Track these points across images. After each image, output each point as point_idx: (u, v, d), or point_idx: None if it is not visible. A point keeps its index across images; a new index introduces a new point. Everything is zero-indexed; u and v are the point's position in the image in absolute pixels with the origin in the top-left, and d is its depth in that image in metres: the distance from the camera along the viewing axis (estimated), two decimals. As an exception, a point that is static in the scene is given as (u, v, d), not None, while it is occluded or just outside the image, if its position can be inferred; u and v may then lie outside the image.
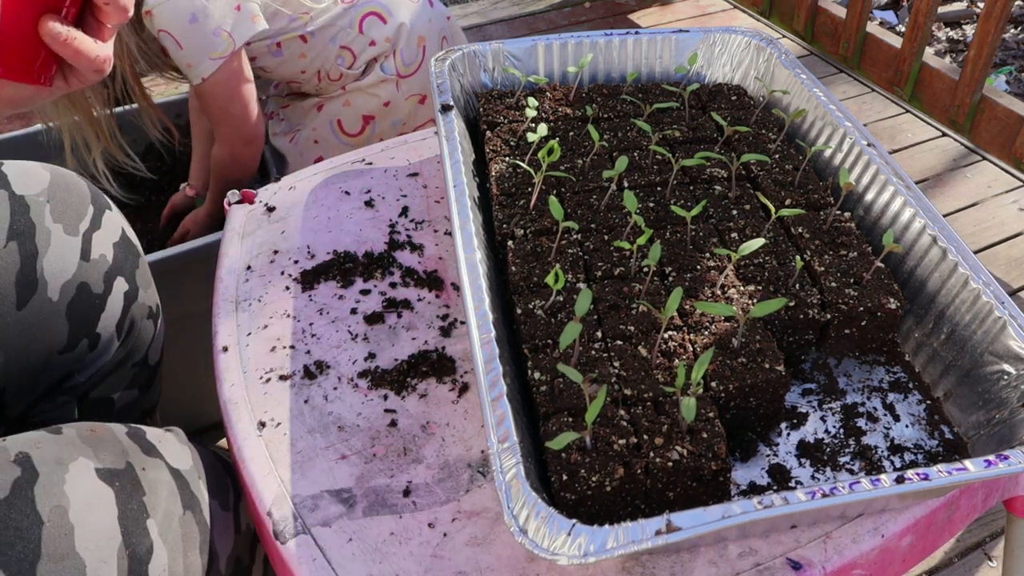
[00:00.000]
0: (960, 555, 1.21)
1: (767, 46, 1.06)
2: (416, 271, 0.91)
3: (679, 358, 0.68)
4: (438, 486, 0.69)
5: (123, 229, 0.83)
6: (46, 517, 0.54)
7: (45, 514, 0.55)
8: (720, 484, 0.62)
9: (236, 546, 0.71)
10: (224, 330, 0.83)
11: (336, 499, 0.68)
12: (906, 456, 0.70)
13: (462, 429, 0.74)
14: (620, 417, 0.63)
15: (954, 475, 0.57)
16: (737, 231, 0.81)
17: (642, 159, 0.92)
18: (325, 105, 1.43)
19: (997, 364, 0.68)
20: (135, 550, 0.58)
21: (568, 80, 1.09)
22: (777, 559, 0.62)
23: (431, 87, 1.00)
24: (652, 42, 1.09)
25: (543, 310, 0.72)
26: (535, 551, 0.53)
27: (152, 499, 0.61)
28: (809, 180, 0.87)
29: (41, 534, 0.54)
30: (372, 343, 0.82)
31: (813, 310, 0.73)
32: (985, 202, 1.84)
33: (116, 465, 0.61)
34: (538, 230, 0.82)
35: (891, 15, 2.72)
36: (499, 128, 0.97)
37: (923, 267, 0.77)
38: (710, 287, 0.75)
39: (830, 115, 0.92)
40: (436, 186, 1.04)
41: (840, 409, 0.73)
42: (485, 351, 0.65)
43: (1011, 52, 2.51)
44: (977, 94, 1.65)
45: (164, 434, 0.69)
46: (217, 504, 0.69)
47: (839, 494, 0.55)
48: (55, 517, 0.55)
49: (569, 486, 0.59)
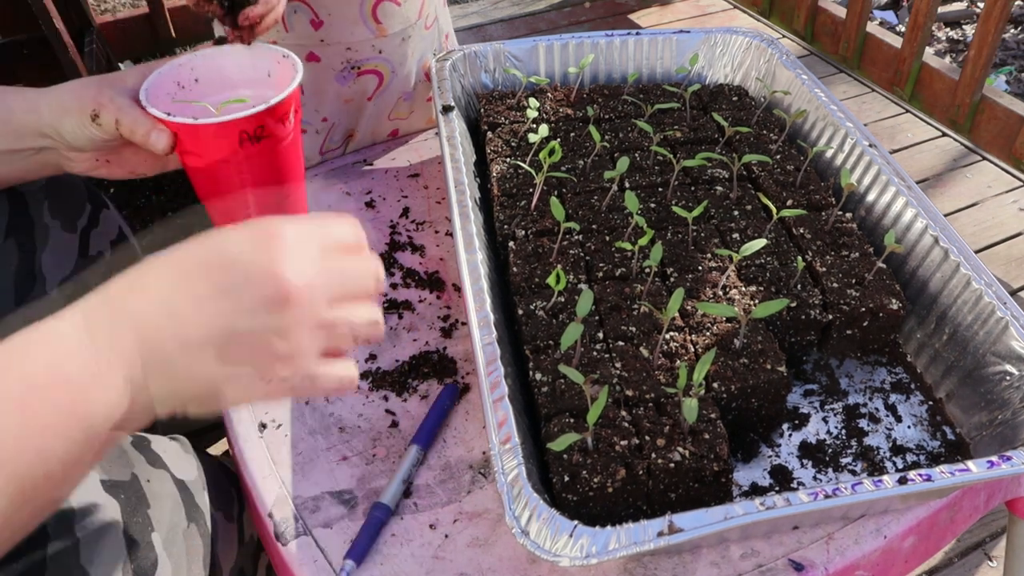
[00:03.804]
0: (960, 555, 1.20)
1: (768, 47, 1.06)
2: (417, 272, 0.91)
3: (681, 359, 0.68)
4: (439, 487, 0.69)
5: (120, 228, 0.83)
6: (51, 530, 0.54)
7: (50, 527, 0.54)
8: (722, 485, 0.62)
9: (239, 557, 0.71)
10: (225, 331, 0.83)
11: (337, 500, 0.67)
12: (908, 457, 0.70)
13: (463, 430, 0.74)
14: (622, 418, 0.63)
15: (957, 476, 0.56)
16: (738, 232, 0.81)
17: (643, 160, 0.91)
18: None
19: (999, 365, 0.68)
20: (140, 564, 0.57)
21: (569, 81, 1.09)
22: (779, 560, 0.62)
23: (432, 87, 0.99)
24: (653, 43, 1.09)
25: (544, 311, 0.72)
26: (537, 552, 0.53)
27: (157, 512, 0.61)
28: (810, 181, 0.87)
29: (46, 547, 0.53)
30: (373, 344, 0.82)
31: (815, 311, 0.73)
32: (985, 202, 1.84)
33: (121, 477, 0.61)
34: (539, 231, 0.82)
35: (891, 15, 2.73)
36: (500, 129, 0.97)
37: (925, 268, 0.77)
38: (712, 288, 0.75)
39: (831, 116, 0.92)
40: (437, 187, 1.04)
41: (842, 410, 0.73)
42: (486, 352, 0.65)
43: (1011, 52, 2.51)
44: (977, 94, 1.65)
45: (169, 443, 0.69)
46: (221, 515, 0.69)
47: (841, 495, 0.55)
48: (60, 530, 0.55)
49: (571, 487, 0.59)
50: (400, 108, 1.12)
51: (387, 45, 1.04)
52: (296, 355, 0.47)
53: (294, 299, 0.46)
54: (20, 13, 1.52)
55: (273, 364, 0.46)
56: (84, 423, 0.42)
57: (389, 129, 1.14)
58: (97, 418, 0.43)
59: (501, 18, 2.60)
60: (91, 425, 0.43)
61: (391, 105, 1.10)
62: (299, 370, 0.47)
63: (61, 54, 1.51)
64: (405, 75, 1.08)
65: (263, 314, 0.45)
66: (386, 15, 1.01)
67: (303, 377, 0.48)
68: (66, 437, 0.42)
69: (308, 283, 0.46)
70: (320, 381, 0.49)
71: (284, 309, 0.46)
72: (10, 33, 1.58)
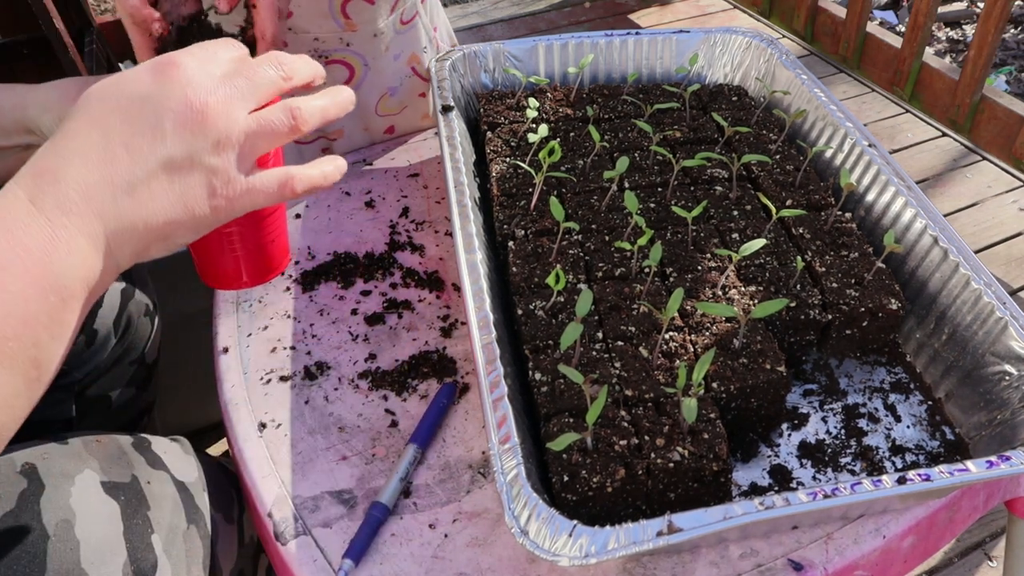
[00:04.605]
0: (960, 555, 1.21)
1: (768, 47, 1.06)
2: (417, 272, 0.91)
3: (680, 359, 0.68)
4: (439, 487, 0.69)
5: None
6: (52, 531, 0.54)
7: (51, 528, 0.54)
8: (721, 485, 0.62)
9: (239, 559, 0.71)
10: (224, 331, 0.83)
11: (337, 500, 0.67)
12: (907, 457, 0.70)
13: (463, 430, 0.74)
14: (621, 418, 0.63)
15: (956, 476, 0.56)
16: (738, 232, 0.81)
17: (643, 160, 0.92)
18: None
19: (998, 365, 0.68)
20: (139, 565, 0.57)
21: (569, 81, 1.09)
22: (778, 560, 0.62)
23: (431, 87, 0.99)
24: (653, 43, 1.09)
25: (544, 311, 0.72)
26: (536, 552, 0.53)
27: (157, 513, 0.61)
28: (810, 181, 0.87)
29: (47, 548, 0.53)
30: (373, 344, 0.82)
31: (814, 311, 0.73)
32: (985, 202, 1.84)
33: (121, 478, 0.61)
34: (539, 231, 0.82)
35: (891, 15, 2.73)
36: (500, 129, 0.97)
37: (924, 268, 0.77)
38: (711, 288, 0.75)
39: (831, 115, 0.92)
40: (437, 187, 1.04)
41: (841, 410, 0.73)
42: (486, 352, 0.65)
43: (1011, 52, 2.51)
44: (977, 94, 1.65)
45: (170, 444, 0.69)
46: (221, 517, 0.69)
47: (841, 495, 0.55)
48: (61, 531, 0.54)
49: (570, 487, 0.59)
50: (388, 103, 1.11)
51: (356, 39, 1.04)
52: (239, 160, 0.50)
53: (211, 113, 0.49)
54: (20, 13, 1.52)
55: (217, 179, 0.49)
56: (56, 286, 0.44)
57: (383, 126, 1.13)
58: (66, 279, 0.45)
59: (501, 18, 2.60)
60: (63, 287, 0.44)
61: (374, 100, 1.09)
62: (241, 184, 0.51)
63: (61, 54, 1.51)
64: (381, 69, 1.07)
65: (189, 135, 0.48)
66: (356, 11, 1.00)
67: (260, 182, 0.52)
68: (43, 301, 0.44)
69: (219, 96, 0.49)
70: (278, 178, 0.52)
71: (206, 125, 0.48)
72: (10, 33, 1.58)
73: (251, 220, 0.61)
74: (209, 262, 0.63)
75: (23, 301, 0.43)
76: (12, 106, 0.63)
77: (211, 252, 0.62)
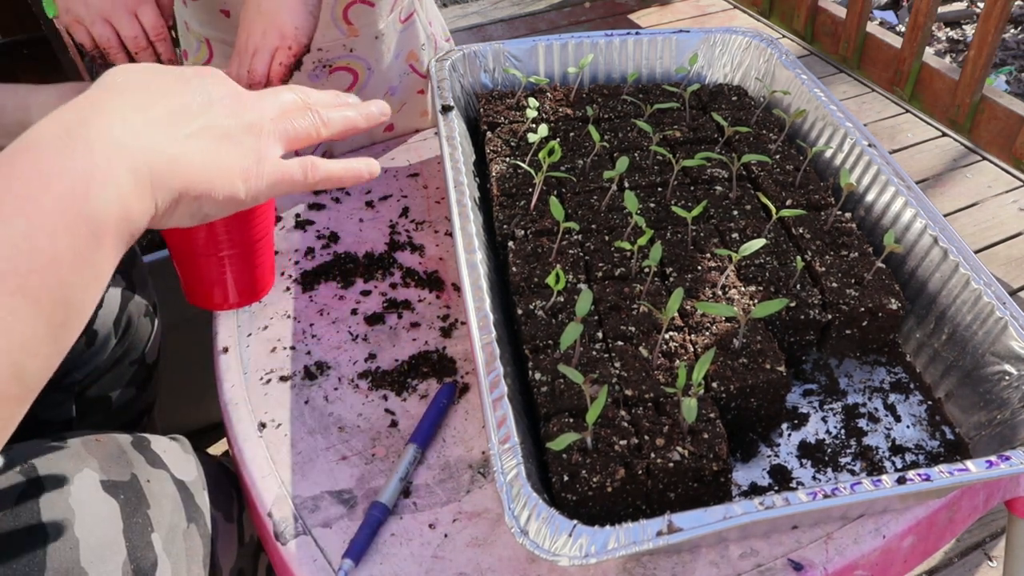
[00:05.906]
0: (960, 555, 1.21)
1: (767, 47, 1.06)
2: (417, 272, 0.91)
3: (680, 359, 0.68)
4: (439, 487, 0.69)
5: None
6: (51, 530, 0.54)
7: (50, 527, 0.54)
8: (721, 485, 0.62)
9: (239, 558, 0.71)
10: (224, 331, 0.83)
11: (337, 500, 0.67)
12: (907, 457, 0.70)
13: (463, 430, 0.74)
14: (621, 418, 0.63)
15: (956, 476, 0.56)
16: (738, 231, 0.81)
17: (643, 160, 0.92)
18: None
19: (998, 365, 0.68)
20: (139, 564, 0.57)
21: (568, 81, 1.09)
22: (778, 560, 0.62)
23: (431, 87, 0.99)
24: (652, 43, 1.09)
25: (544, 311, 0.72)
26: (536, 552, 0.53)
27: (156, 512, 0.61)
28: (810, 180, 0.87)
29: (47, 547, 0.53)
30: (372, 344, 0.82)
31: (814, 311, 0.73)
32: (985, 202, 1.84)
33: (121, 477, 0.61)
34: (539, 231, 0.82)
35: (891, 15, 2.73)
36: (499, 129, 0.97)
37: (924, 268, 0.77)
38: (711, 288, 0.75)
39: (831, 115, 0.92)
40: (436, 187, 1.04)
41: (841, 410, 0.73)
42: (486, 352, 0.65)
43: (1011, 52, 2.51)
44: (977, 94, 1.65)
45: (169, 443, 0.69)
46: (221, 516, 0.69)
47: (840, 495, 0.55)
48: (60, 530, 0.54)
49: (570, 487, 0.59)
50: (388, 102, 1.11)
51: (359, 44, 1.04)
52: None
53: (247, 99, 0.52)
54: (20, 13, 1.52)
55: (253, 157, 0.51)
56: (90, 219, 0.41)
57: (383, 124, 1.13)
58: (100, 214, 0.42)
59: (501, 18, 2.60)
60: (96, 220, 0.41)
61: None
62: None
63: (61, 54, 1.51)
64: (384, 70, 1.07)
65: (231, 112, 0.50)
66: (358, 16, 1.01)
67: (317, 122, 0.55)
68: (73, 234, 0.40)
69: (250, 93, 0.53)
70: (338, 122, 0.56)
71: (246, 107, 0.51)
72: (10, 33, 1.58)
73: (244, 243, 0.62)
74: (197, 282, 0.64)
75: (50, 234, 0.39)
76: (15, 106, 0.63)
77: (200, 272, 0.63)
